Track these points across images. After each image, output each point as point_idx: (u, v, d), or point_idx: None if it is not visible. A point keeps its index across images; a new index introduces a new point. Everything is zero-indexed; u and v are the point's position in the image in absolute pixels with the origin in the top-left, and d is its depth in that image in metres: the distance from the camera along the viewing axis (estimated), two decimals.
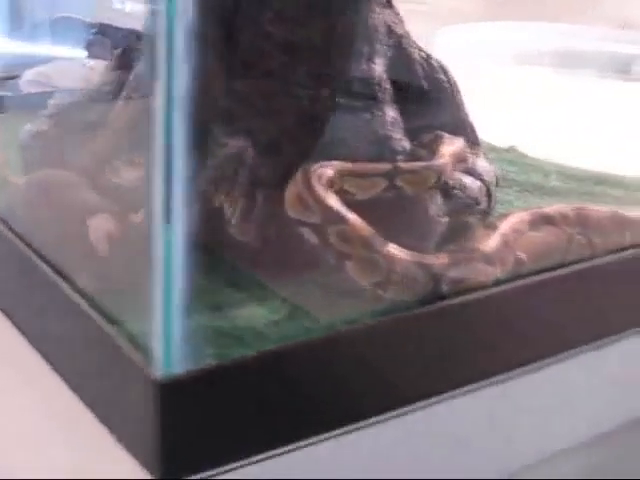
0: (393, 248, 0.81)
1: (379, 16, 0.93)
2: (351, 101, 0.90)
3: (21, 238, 0.88)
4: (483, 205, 0.97)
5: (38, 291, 0.84)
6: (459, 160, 0.96)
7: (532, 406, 0.89)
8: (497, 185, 1.03)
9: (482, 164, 1.00)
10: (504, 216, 0.91)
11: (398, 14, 0.98)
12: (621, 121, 1.30)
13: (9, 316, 0.90)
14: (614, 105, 1.33)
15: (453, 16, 1.66)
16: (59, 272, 0.81)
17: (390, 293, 0.81)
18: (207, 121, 0.88)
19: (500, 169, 1.15)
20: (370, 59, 0.91)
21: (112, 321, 0.74)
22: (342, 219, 0.81)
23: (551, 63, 1.46)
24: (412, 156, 0.94)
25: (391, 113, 0.91)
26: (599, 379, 0.94)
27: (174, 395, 0.68)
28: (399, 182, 0.89)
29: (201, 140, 0.84)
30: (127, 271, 0.75)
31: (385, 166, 0.90)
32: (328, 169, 0.86)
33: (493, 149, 1.25)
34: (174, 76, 0.63)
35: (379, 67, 0.91)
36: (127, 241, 0.79)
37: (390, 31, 0.97)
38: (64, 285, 0.79)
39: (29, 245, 0.86)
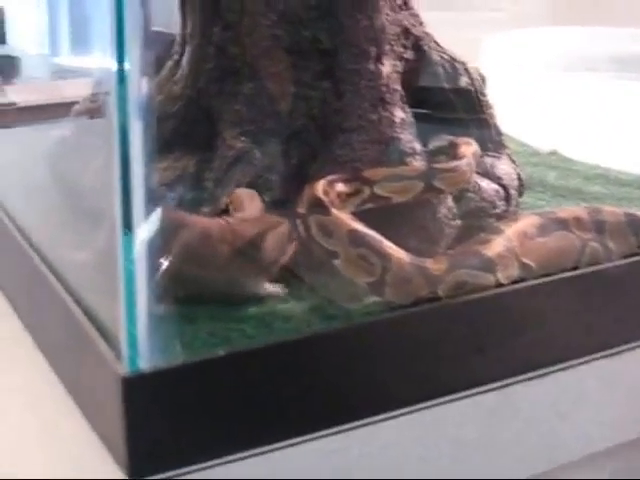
0: (389, 247, 0.79)
1: (390, 17, 0.92)
2: (359, 102, 0.89)
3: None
4: (500, 209, 0.96)
5: (35, 286, 0.87)
6: (478, 160, 0.94)
7: (540, 413, 0.87)
8: (522, 189, 1.01)
9: (502, 167, 0.98)
10: (513, 220, 0.89)
11: (417, 16, 0.98)
12: None
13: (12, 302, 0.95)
14: None
15: (523, 20, 1.63)
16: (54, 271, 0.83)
17: (386, 294, 0.79)
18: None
19: (538, 173, 1.13)
20: (378, 60, 0.90)
21: (92, 319, 0.74)
22: (323, 209, 0.80)
23: (611, 68, 1.42)
24: (427, 158, 0.92)
25: (400, 114, 0.91)
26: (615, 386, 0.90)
27: (139, 391, 0.68)
28: (437, 183, 0.88)
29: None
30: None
31: (419, 168, 0.90)
32: (345, 178, 0.86)
33: (535, 153, 1.22)
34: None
35: (387, 68, 0.91)
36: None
37: (407, 33, 0.96)
38: (56, 283, 0.81)
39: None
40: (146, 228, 0.70)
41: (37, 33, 2.44)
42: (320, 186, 0.83)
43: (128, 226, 0.66)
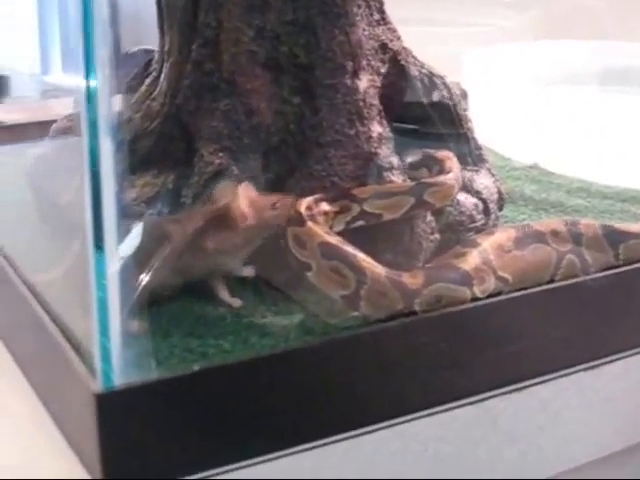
0: (363, 261, 0.79)
1: (367, 32, 0.92)
2: (336, 117, 0.89)
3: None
4: (479, 222, 0.96)
5: (12, 302, 0.87)
6: None
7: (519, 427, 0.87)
8: (502, 202, 1.01)
9: (482, 181, 0.98)
10: (490, 233, 0.89)
11: (395, 30, 0.98)
12: None
13: None
14: None
15: (510, 35, 1.64)
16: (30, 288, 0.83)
17: (361, 308, 0.79)
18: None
19: (519, 187, 1.13)
20: (355, 75, 0.90)
21: (67, 335, 0.75)
22: (299, 221, 0.80)
23: (594, 81, 1.43)
24: (406, 173, 0.93)
25: (377, 129, 0.91)
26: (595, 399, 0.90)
27: (113, 408, 0.68)
28: (427, 198, 0.88)
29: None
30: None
31: (408, 183, 0.90)
32: (333, 196, 0.86)
33: (516, 167, 1.23)
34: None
35: (364, 83, 0.91)
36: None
37: (384, 47, 0.96)
38: (32, 299, 0.81)
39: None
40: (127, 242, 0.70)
41: (28, 51, 2.43)
42: (304, 202, 0.83)
43: (99, 242, 0.66)
